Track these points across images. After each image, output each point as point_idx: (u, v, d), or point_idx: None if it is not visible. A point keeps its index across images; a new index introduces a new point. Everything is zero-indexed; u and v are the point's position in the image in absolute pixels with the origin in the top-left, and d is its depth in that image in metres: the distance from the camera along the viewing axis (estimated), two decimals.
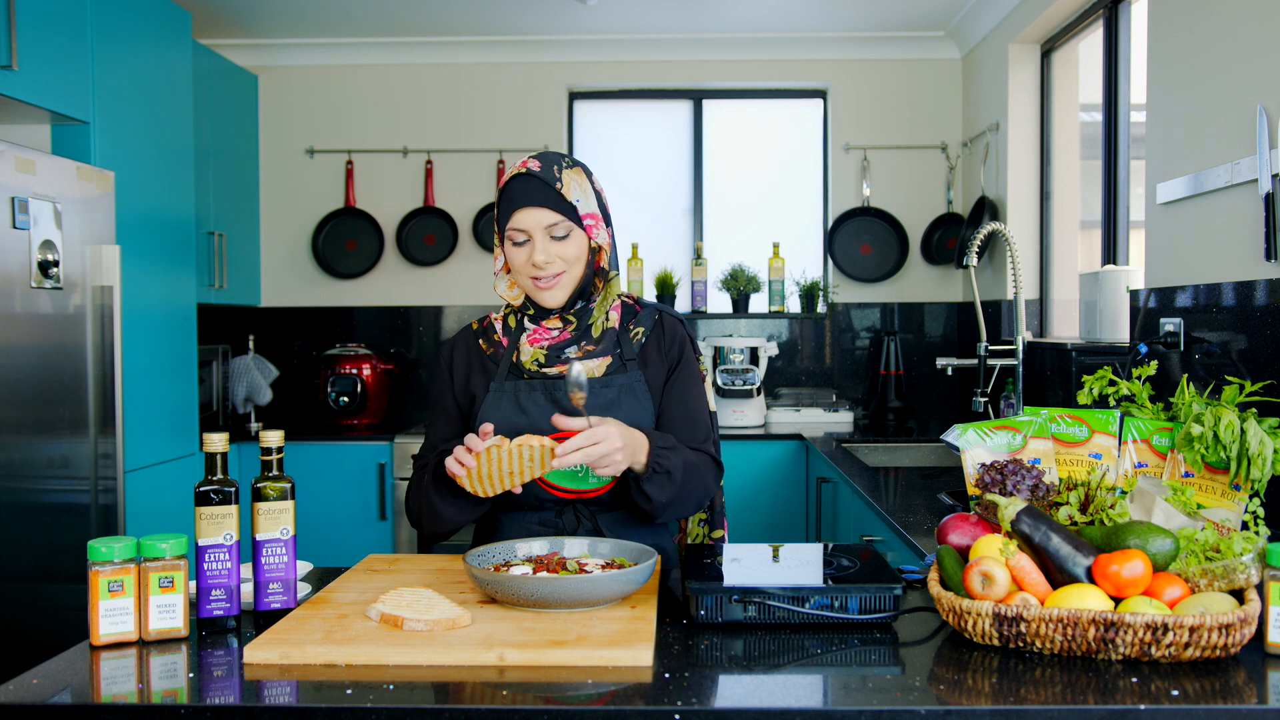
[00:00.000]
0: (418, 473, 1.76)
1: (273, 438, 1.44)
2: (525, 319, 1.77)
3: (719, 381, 4.20)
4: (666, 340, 1.78)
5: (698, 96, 4.71)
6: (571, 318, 1.73)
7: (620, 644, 1.24)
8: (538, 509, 1.72)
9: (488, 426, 1.55)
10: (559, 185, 1.66)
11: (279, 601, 1.44)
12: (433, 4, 4.06)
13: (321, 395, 4.30)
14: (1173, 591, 1.26)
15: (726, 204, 4.75)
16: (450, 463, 1.55)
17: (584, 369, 1.58)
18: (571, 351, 1.73)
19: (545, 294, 1.69)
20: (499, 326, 1.80)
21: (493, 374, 1.76)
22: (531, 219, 1.66)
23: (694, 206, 4.73)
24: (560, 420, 1.55)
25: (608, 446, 1.51)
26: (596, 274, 1.74)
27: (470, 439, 1.54)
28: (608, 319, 1.76)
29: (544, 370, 1.72)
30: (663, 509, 1.64)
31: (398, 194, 4.62)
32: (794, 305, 4.62)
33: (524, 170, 1.68)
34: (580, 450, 1.50)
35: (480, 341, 1.80)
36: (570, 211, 1.67)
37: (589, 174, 1.74)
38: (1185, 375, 1.72)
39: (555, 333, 1.74)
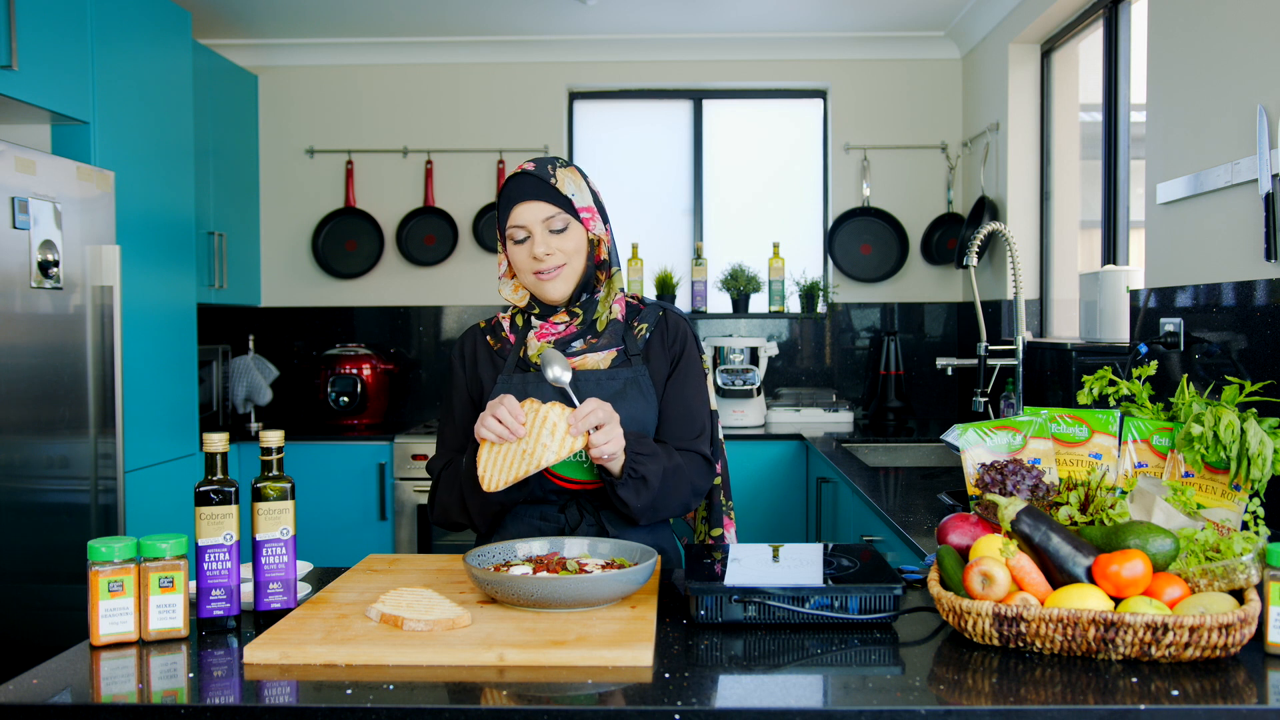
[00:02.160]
0: (446, 471, 1.76)
1: (273, 438, 1.44)
2: (532, 317, 1.79)
3: (719, 381, 4.20)
4: (670, 335, 1.80)
5: (698, 96, 4.71)
6: (577, 310, 1.76)
7: (620, 644, 1.24)
8: (540, 502, 1.73)
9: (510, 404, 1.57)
10: (553, 180, 1.71)
11: (279, 601, 1.44)
12: (433, 4, 4.06)
13: (321, 395, 4.30)
14: (1173, 591, 1.26)
15: (726, 204, 4.74)
16: (480, 429, 1.57)
17: (560, 358, 1.65)
18: (578, 345, 1.75)
19: (548, 285, 1.72)
20: (506, 325, 1.83)
21: (501, 368, 1.79)
22: (529, 213, 1.70)
23: (694, 206, 4.73)
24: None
25: (611, 415, 1.57)
26: (598, 267, 1.77)
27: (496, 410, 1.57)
28: (611, 311, 1.78)
29: None
30: (641, 513, 1.66)
31: (398, 194, 4.62)
32: (794, 305, 4.62)
33: (519, 171, 1.74)
34: (591, 413, 1.54)
35: (488, 339, 1.84)
36: (566, 204, 1.71)
37: (584, 174, 1.78)
38: (1185, 375, 1.72)
39: (561, 327, 1.76)
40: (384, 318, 4.65)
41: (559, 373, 1.64)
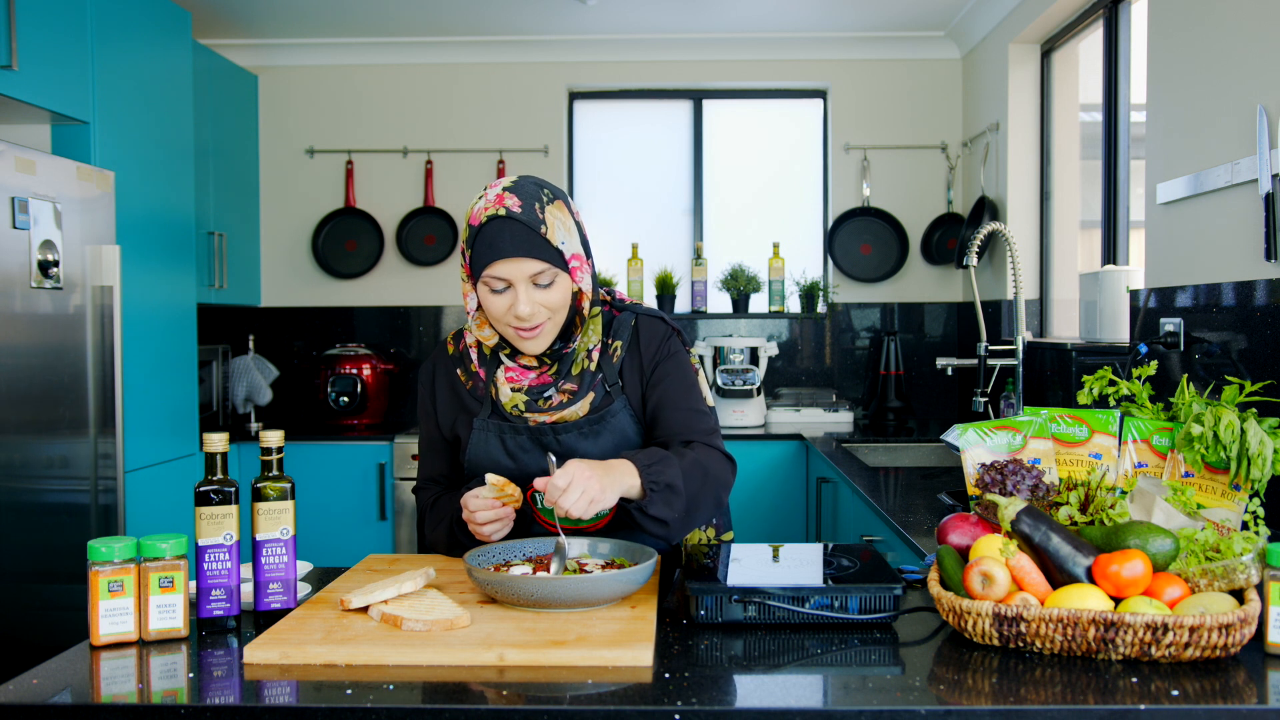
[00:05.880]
0: (431, 511, 1.76)
1: (273, 438, 1.44)
2: (501, 355, 1.69)
3: (719, 381, 4.20)
4: (644, 349, 1.71)
5: (698, 96, 4.71)
6: (548, 360, 1.67)
7: (620, 644, 1.23)
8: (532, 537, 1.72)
9: (496, 479, 1.56)
10: (543, 229, 1.54)
11: (279, 601, 1.44)
12: (432, 4, 4.06)
13: (321, 395, 4.29)
14: (1173, 591, 1.26)
15: (726, 204, 4.74)
16: (477, 530, 1.58)
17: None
18: (552, 395, 1.66)
19: (529, 344, 1.61)
20: (474, 355, 1.72)
21: (474, 409, 1.71)
22: (515, 270, 1.54)
23: (694, 206, 4.72)
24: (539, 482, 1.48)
25: (574, 479, 1.43)
26: (576, 313, 1.66)
27: (480, 504, 1.57)
28: (589, 357, 1.68)
29: (525, 415, 1.66)
30: (680, 524, 1.58)
31: (398, 194, 4.62)
32: (794, 305, 4.62)
33: (502, 212, 1.54)
34: (569, 501, 1.42)
35: (458, 371, 1.74)
36: (556, 257, 1.56)
37: (569, 204, 1.62)
38: (1185, 375, 1.72)
39: (534, 375, 1.67)
40: (384, 318, 4.65)
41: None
